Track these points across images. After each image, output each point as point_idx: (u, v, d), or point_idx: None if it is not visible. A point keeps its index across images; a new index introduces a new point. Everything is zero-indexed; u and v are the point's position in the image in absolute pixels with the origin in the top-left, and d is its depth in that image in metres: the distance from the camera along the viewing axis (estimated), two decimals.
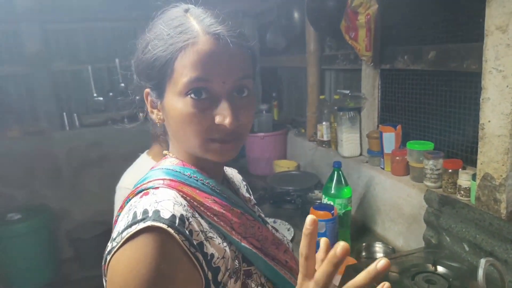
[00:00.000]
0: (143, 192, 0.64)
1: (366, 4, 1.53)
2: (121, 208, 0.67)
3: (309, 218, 0.53)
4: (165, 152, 0.77)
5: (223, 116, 0.63)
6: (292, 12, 2.30)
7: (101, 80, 3.40)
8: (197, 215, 0.63)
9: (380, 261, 0.48)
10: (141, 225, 0.55)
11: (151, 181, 0.66)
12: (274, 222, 1.84)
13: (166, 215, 0.57)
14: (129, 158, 3.35)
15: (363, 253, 1.50)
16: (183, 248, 0.56)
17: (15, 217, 2.91)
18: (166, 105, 0.67)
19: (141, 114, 0.80)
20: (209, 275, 0.59)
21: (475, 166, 1.31)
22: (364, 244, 1.51)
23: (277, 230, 0.85)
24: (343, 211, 1.51)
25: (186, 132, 0.65)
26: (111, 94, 3.39)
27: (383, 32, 1.70)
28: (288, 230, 1.75)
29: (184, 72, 0.62)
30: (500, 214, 1.13)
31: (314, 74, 2.27)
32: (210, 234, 0.63)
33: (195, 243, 0.58)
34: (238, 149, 0.70)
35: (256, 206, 0.91)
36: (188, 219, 0.60)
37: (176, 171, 0.69)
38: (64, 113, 3.28)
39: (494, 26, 1.09)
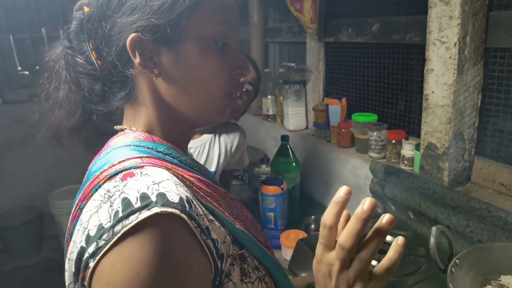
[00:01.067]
0: (122, 173, 0.49)
1: None
2: (85, 198, 0.51)
3: (345, 188, 0.51)
4: (119, 126, 0.63)
5: (245, 65, 0.61)
6: None
7: (26, 52, 3.07)
8: (194, 197, 0.53)
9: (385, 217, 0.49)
10: (145, 214, 0.43)
11: (123, 161, 0.52)
12: None
13: (174, 198, 0.45)
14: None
15: (312, 226, 1.51)
16: (195, 235, 0.46)
17: None
18: (183, 53, 0.55)
19: (63, 86, 0.62)
20: (218, 263, 0.50)
21: (418, 137, 1.35)
22: (313, 216, 1.53)
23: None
24: (292, 185, 1.51)
25: (208, 84, 0.58)
26: (37, 67, 3.08)
27: (327, 4, 1.68)
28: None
29: (213, 15, 0.56)
30: (443, 182, 1.18)
31: (257, 47, 2.21)
32: (210, 217, 0.53)
33: (204, 229, 0.48)
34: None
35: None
36: (192, 202, 0.49)
37: (148, 147, 0.56)
38: None
39: None
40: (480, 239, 1.04)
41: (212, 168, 1.42)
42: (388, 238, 1.17)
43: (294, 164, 1.50)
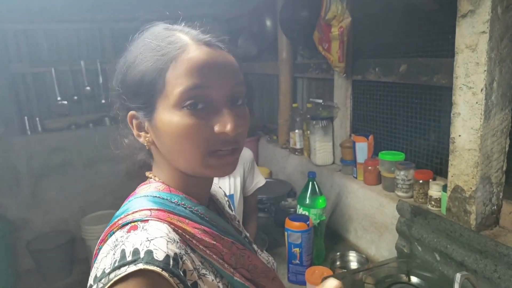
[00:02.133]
0: (130, 225, 0.58)
1: (340, 17, 1.55)
2: (103, 240, 0.61)
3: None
4: (147, 173, 0.72)
5: (223, 123, 0.60)
6: (264, 20, 2.30)
7: (65, 83, 3.26)
8: (189, 250, 0.60)
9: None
10: (132, 268, 0.50)
11: (136, 212, 0.60)
12: None
13: (159, 256, 0.52)
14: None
15: (338, 263, 1.51)
16: None
17: None
18: (158, 122, 0.62)
19: (125, 141, 0.75)
20: None
21: (445, 177, 1.35)
22: (338, 253, 1.53)
23: (262, 251, 0.84)
24: (318, 221, 1.52)
25: (184, 147, 0.60)
26: (75, 97, 3.27)
27: (355, 44, 1.73)
28: (262, 239, 1.74)
29: (178, 81, 0.59)
30: (470, 225, 1.17)
31: (286, 81, 2.28)
32: (203, 271, 0.59)
33: (189, 284, 0.55)
34: (236, 162, 0.66)
35: (241, 225, 0.87)
36: (181, 258, 0.56)
37: (163, 199, 0.64)
38: (26, 117, 3.12)
39: (464, 44, 1.13)
40: (508, 286, 1.02)
41: (233, 191, 1.52)
42: (413, 279, 1.17)
43: (320, 200, 1.53)
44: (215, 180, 1.44)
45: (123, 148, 0.75)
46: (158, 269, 0.51)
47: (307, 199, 1.52)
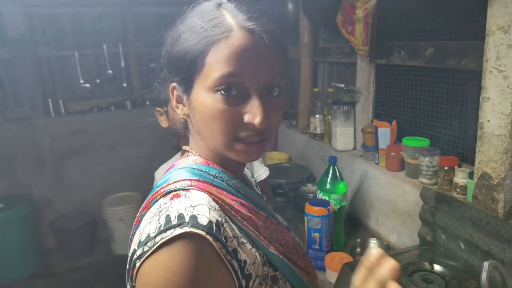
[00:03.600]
0: (172, 193, 0.60)
1: None
2: (146, 207, 0.63)
3: (378, 251, 0.58)
4: (185, 147, 0.74)
5: (253, 115, 0.61)
6: (286, 2, 2.26)
7: (88, 66, 3.31)
8: (228, 220, 0.61)
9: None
10: (178, 231, 0.52)
11: (177, 181, 0.63)
12: None
13: (203, 221, 0.54)
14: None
15: (358, 249, 1.50)
16: (220, 255, 0.54)
17: None
18: (194, 100, 0.64)
19: (164, 108, 0.78)
20: (243, 282, 0.57)
21: (471, 164, 1.32)
22: (358, 240, 1.52)
23: (289, 230, 0.84)
24: (338, 206, 1.51)
25: (213, 129, 0.62)
26: (98, 80, 3.31)
27: (380, 27, 1.68)
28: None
29: (216, 66, 0.60)
30: (497, 214, 1.14)
31: (307, 66, 2.24)
32: (242, 240, 0.61)
33: (230, 250, 0.56)
34: (263, 151, 0.67)
35: (268, 205, 0.89)
36: (223, 225, 0.57)
37: (202, 171, 0.66)
38: (49, 100, 3.19)
39: (496, 26, 1.08)
40: None
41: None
42: (437, 267, 1.15)
43: (341, 186, 1.51)
44: None
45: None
46: (203, 233, 0.53)
47: (328, 184, 1.50)
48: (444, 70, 1.45)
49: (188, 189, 0.61)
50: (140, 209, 0.64)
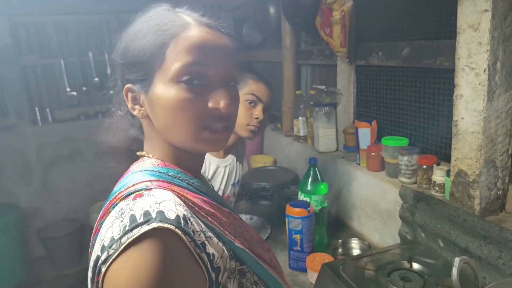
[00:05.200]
0: (134, 194, 0.59)
1: (341, 1, 1.51)
2: (105, 214, 0.61)
3: None
4: (139, 152, 0.73)
5: (217, 100, 0.63)
6: (268, 7, 2.27)
7: (74, 74, 3.29)
8: (194, 215, 0.61)
9: None
10: (145, 228, 0.51)
11: (137, 184, 0.62)
12: (251, 218, 1.82)
13: (171, 215, 0.54)
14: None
15: (340, 250, 1.50)
16: (190, 249, 0.54)
17: None
18: (154, 95, 0.64)
19: (119, 112, 0.77)
20: (213, 275, 0.57)
21: (450, 162, 1.32)
22: (340, 240, 1.51)
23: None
24: (319, 207, 1.51)
25: (179, 120, 0.63)
26: (84, 88, 3.30)
27: (357, 28, 1.69)
28: (265, 227, 1.73)
29: (178, 57, 0.61)
30: (473, 211, 1.15)
31: (289, 69, 2.25)
32: (209, 234, 0.61)
33: (199, 244, 0.56)
34: (227, 139, 0.69)
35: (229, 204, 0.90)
36: (189, 219, 0.57)
37: (160, 172, 0.65)
38: (36, 108, 3.17)
39: (466, 24, 1.09)
40: None
41: (240, 177, 1.58)
42: (415, 266, 1.15)
43: (322, 186, 1.51)
44: (223, 164, 1.46)
45: (115, 120, 0.76)
46: (172, 227, 0.52)
47: (308, 186, 1.50)
48: (420, 69, 1.46)
49: (151, 188, 0.60)
50: (98, 218, 0.63)
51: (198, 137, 0.64)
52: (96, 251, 0.55)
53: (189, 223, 0.56)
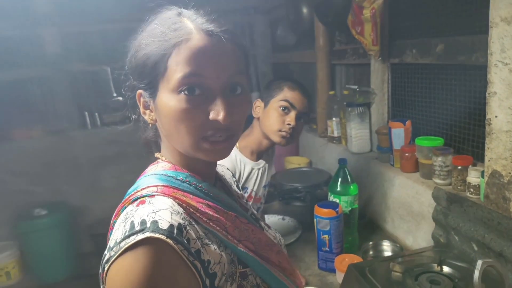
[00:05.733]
0: (138, 200, 0.64)
1: None
2: (116, 215, 0.67)
3: None
4: (156, 154, 0.77)
5: (217, 112, 0.64)
6: (301, 7, 2.27)
7: (120, 80, 3.45)
8: (193, 222, 0.63)
9: None
10: (140, 236, 0.55)
11: (144, 189, 0.66)
12: (283, 219, 1.84)
13: (164, 225, 0.57)
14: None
15: (370, 252, 1.47)
16: (181, 257, 0.56)
17: (41, 213, 3.01)
18: (159, 103, 0.66)
19: (133, 116, 0.81)
20: (207, 281, 0.60)
21: None
22: (371, 242, 1.49)
23: (269, 227, 0.85)
24: (349, 208, 1.49)
25: (179, 130, 0.65)
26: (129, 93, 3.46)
27: (390, 26, 1.66)
28: (296, 228, 1.74)
29: (178, 68, 0.63)
30: (509, 213, 1.09)
31: (323, 69, 2.23)
32: (206, 241, 0.63)
33: (193, 251, 0.59)
34: (230, 148, 0.69)
35: (248, 203, 0.91)
36: (185, 228, 0.60)
37: (169, 176, 0.69)
38: (86, 113, 3.36)
39: (499, 17, 1.04)
40: None
41: (268, 181, 1.59)
42: (446, 269, 1.11)
43: (352, 187, 1.49)
44: (256, 167, 1.49)
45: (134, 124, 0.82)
46: (162, 237, 0.55)
47: (338, 186, 1.49)
48: (455, 66, 1.41)
49: (153, 195, 0.64)
50: (113, 216, 0.68)
51: (198, 147, 0.66)
52: (106, 249, 0.60)
53: (184, 231, 0.59)
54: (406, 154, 1.55)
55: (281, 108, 1.41)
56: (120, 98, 3.65)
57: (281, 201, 2.00)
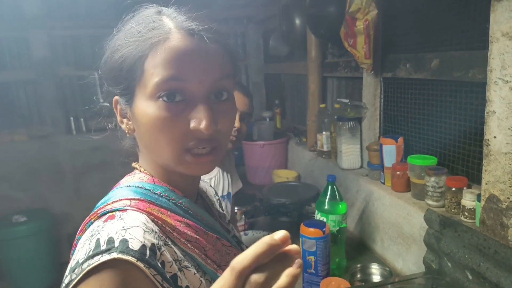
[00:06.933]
0: (108, 215, 0.56)
1: (365, 10, 1.43)
2: (81, 231, 0.59)
3: (283, 234, 0.43)
4: (134, 164, 0.70)
5: (198, 120, 0.56)
6: (294, 18, 2.21)
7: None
8: (170, 242, 0.56)
9: (279, 233, 0.42)
10: (106, 257, 0.47)
11: (116, 201, 0.59)
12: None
13: (135, 245, 0.50)
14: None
15: (358, 275, 1.39)
16: (154, 283, 0.49)
17: (20, 219, 2.90)
18: (136, 111, 0.59)
19: (109, 125, 0.74)
20: None
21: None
22: (359, 265, 1.40)
23: None
24: (337, 228, 1.41)
25: (158, 140, 0.58)
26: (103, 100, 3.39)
27: (384, 39, 1.60)
28: None
29: (155, 71, 0.56)
30: (507, 241, 1.01)
31: (315, 81, 2.17)
32: (185, 263, 0.56)
33: (168, 276, 0.51)
34: (215, 162, 0.62)
35: (230, 224, 0.84)
36: (160, 249, 0.52)
37: (146, 189, 0.62)
38: (71, 118, 3.27)
39: (500, 32, 0.98)
40: None
41: (230, 189, 1.51)
42: None
43: (340, 206, 1.41)
44: (207, 177, 1.42)
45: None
46: (132, 259, 0.48)
47: (326, 204, 1.41)
48: (451, 82, 1.35)
49: (125, 210, 0.57)
50: (78, 232, 0.60)
51: (179, 160, 0.59)
52: (67, 270, 0.52)
53: (158, 253, 0.52)
54: (398, 173, 1.48)
55: None
56: (107, 104, 3.59)
57: (267, 216, 1.92)
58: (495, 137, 1.03)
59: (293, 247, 0.43)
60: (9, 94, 3.16)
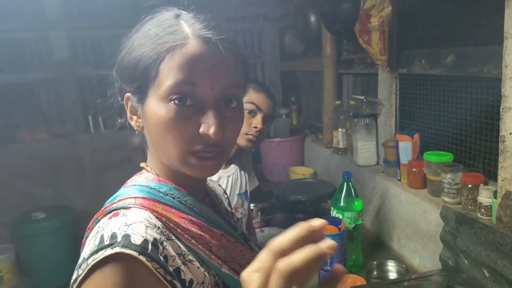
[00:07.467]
0: (112, 212, 0.58)
1: (379, 6, 1.42)
2: (89, 229, 0.62)
3: (322, 221, 0.42)
4: (142, 164, 0.73)
5: (208, 125, 0.58)
6: (309, 15, 2.21)
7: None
8: (173, 238, 0.58)
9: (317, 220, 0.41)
10: (109, 252, 0.50)
11: (122, 200, 0.61)
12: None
13: (137, 240, 0.52)
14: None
15: (374, 272, 1.40)
16: (157, 276, 0.51)
17: (39, 216, 2.97)
18: (147, 110, 0.62)
19: (119, 120, 0.77)
20: None
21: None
22: (375, 262, 1.41)
23: (253, 250, 0.80)
24: (353, 225, 1.42)
25: (166, 141, 0.60)
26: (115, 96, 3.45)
27: (399, 35, 1.59)
28: None
29: (169, 74, 0.58)
30: None
31: (330, 78, 2.17)
32: (189, 257, 0.58)
33: (171, 270, 0.53)
34: (219, 166, 0.64)
35: (238, 222, 0.85)
36: (162, 243, 0.54)
37: (151, 188, 0.64)
38: (90, 116, 3.35)
39: None
40: None
41: (247, 187, 1.53)
42: None
43: (356, 203, 1.42)
44: (225, 175, 1.44)
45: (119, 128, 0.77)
46: (134, 253, 0.50)
47: (342, 201, 1.42)
48: (466, 78, 1.33)
49: (129, 207, 0.59)
50: (86, 230, 0.63)
51: (184, 161, 0.61)
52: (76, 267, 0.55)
53: (161, 247, 0.54)
54: (414, 169, 1.48)
55: (247, 111, 1.35)
56: (122, 101, 3.67)
57: (284, 213, 1.93)
58: (510, 133, 1.02)
59: (330, 241, 0.41)
60: (31, 93, 3.24)
